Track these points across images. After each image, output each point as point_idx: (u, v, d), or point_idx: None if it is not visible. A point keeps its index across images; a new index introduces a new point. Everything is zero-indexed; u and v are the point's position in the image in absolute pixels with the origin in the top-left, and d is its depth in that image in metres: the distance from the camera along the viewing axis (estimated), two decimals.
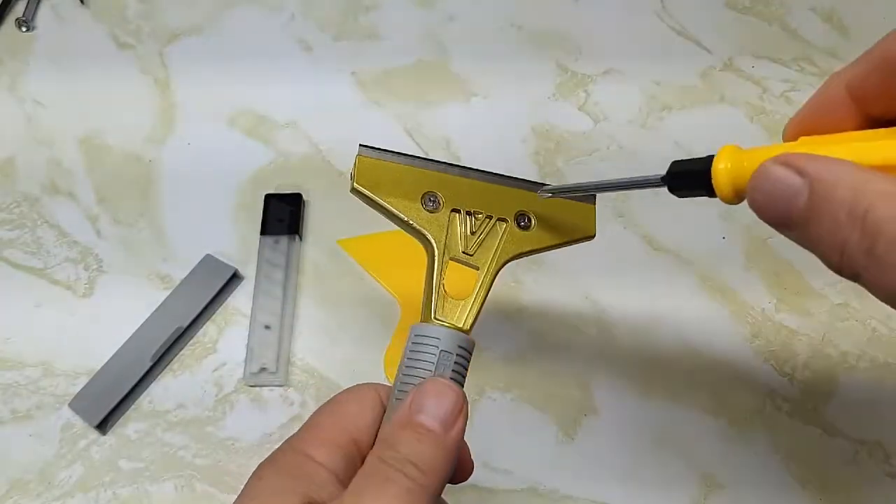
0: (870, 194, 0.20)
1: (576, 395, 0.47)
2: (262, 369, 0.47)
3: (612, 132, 0.56)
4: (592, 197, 0.35)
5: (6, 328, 0.49)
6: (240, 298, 0.50)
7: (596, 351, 0.49)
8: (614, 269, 0.51)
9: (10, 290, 0.51)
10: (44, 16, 0.62)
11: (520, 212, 0.33)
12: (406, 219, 0.32)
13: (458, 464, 0.28)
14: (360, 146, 0.32)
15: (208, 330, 0.49)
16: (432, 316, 0.30)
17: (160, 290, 0.50)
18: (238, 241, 0.52)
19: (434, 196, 0.32)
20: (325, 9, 0.62)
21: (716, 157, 0.25)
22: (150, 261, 0.51)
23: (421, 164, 0.33)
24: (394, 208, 0.32)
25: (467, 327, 0.30)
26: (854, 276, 0.21)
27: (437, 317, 0.30)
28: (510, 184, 0.34)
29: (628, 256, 0.52)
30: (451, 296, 0.30)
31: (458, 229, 0.32)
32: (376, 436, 0.29)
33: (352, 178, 0.32)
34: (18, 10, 0.61)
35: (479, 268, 0.32)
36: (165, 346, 0.47)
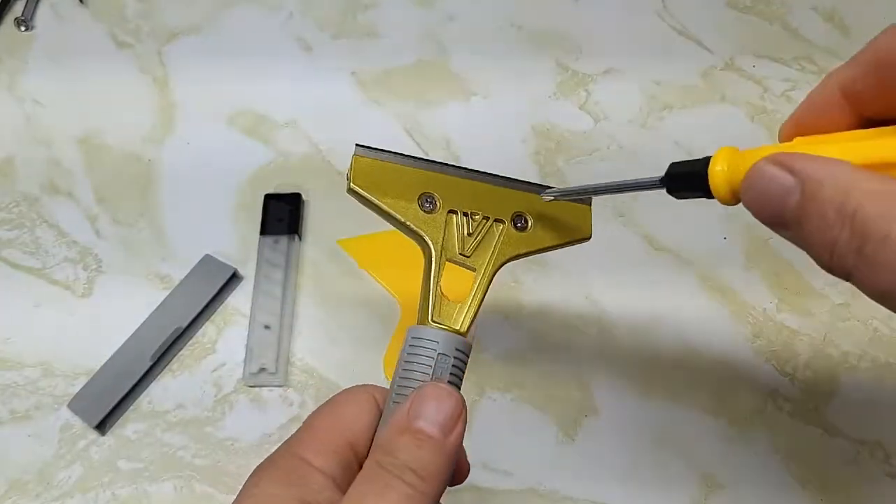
0: (859, 193, 0.20)
1: (576, 395, 0.47)
2: (262, 369, 0.47)
3: (612, 132, 0.56)
4: (588, 198, 0.35)
5: (5, 328, 0.49)
6: (239, 298, 0.50)
7: (596, 351, 0.49)
8: (614, 269, 0.51)
9: (9, 290, 0.51)
10: (43, 15, 0.62)
11: (517, 213, 0.33)
12: (403, 220, 0.31)
13: (455, 466, 0.28)
14: (357, 146, 0.32)
15: (207, 330, 0.49)
16: (429, 318, 0.30)
17: (159, 290, 0.50)
18: (238, 241, 0.52)
19: (431, 197, 0.32)
20: (325, 8, 0.62)
21: (712, 158, 0.25)
22: (150, 261, 0.51)
23: (418, 164, 0.32)
24: (390, 209, 0.31)
25: (464, 329, 0.30)
26: (845, 275, 0.21)
27: (434, 319, 0.30)
28: (507, 185, 0.34)
29: (628, 256, 0.52)
30: (448, 298, 0.30)
31: (455, 230, 0.32)
32: (373, 439, 0.28)
33: (348, 179, 0.32)
34: (18, 10, 0.61)
35: (476, 269, 0.32)
36: (165, 347, 0.47)
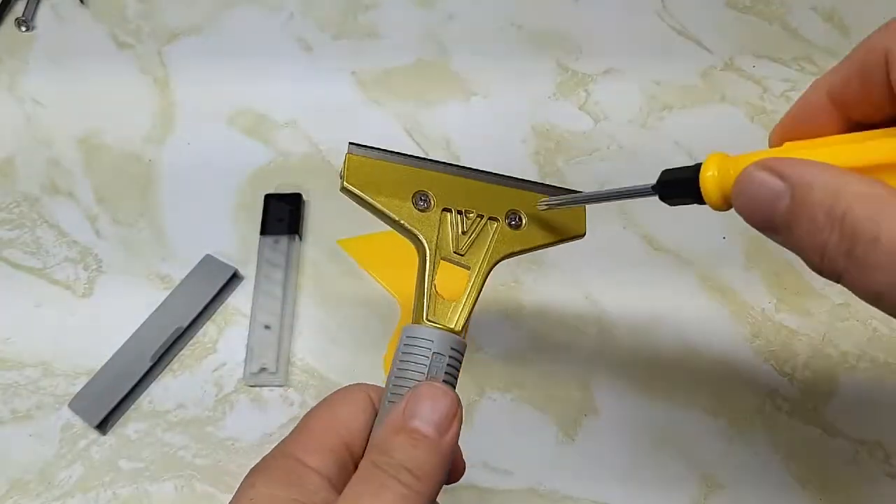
0: (848, 196, 0.20)
1: (576, 395, 0.47)
2: (262, 369, 0.47)
3: (612, 132, 0.56)
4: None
5: (6, 328, 0.49)
6: (240, 298, 0.50)
7: (596, 351, 0.49)
8: (614, 269, 0.51)
9: (10, 290, 0.51)
10: (43, 15, 0.62)
11: (511, 211, 0.33)
12: (397, 218, 0.31)
13: (451, 465, 0.28)
14: (350, 144, 0.32)
15: (208, 330, 0.49)
16: (424, 317, 0.30)
17: (160, 290, 0.50)
18: (238, 241, 0.52)
19: (425, 195, 0.32)
20: (325, 8, 0.62)
21: (703, 164, 0.25)
22: (150, 261, 0.51)
23: (412, 162, 0.32)
24: (384, 208, 0.31)
25: (459, 328, 0.30)
26: (836, 277, 0.21)
27: (429, 318, 0.30)
28: (502, 182, 0.33)
29: (628, 256, 0.52)
30: (442, 296, 0.30)
31: (450, 229, 0.32)
32: (369, 439, 0.28)
33: (341, 178, 0.32)
34: (18, 10, 0.61)
35: (470, 268, 0.31)
36: (165, 346, 0.47)
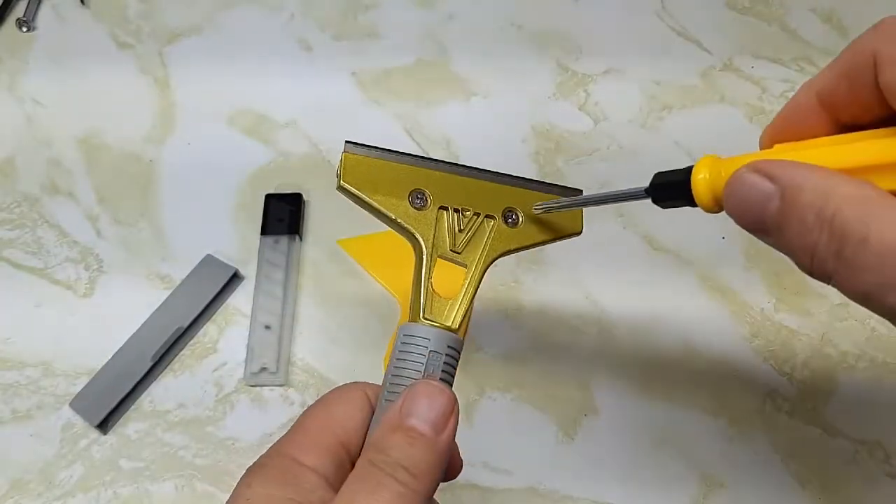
0: (837, 198, 0.20)
1: (576, 395, 0.47)
2: (263, 369, 0.47)
3: (612, 132, 0.56)
4: (580, 192, 0.35)
5: (6, 328, 0.49)
6: (240, 298, 0.50)
7: (596, 351, 0.49)
8: (614, 269, 0.51)
9: (10, 290, 0.51)
10: (44, 16, 0.62)
11: (507, 208, 0.33)
12: (393, 217, 0.31)
13: (448, 463, 0.28)
14: (347, 143, 0.32)
15: (208, 330, 0.49)
16: (420, 315, 0.30)
17: (160, 290, 0.50)
18: (238, 241, 0.52)
19: (422, 193, 0.32)
20: (325, 8, 0.62)
21: (695, 167, 0.25)
22: (150, 261, 0.51)
23: (408, 160, 0.32)
24: (381, 206, 0.31)
25: (456, 326, 0.30)
26: (826, 278, 0.21)
27: (426, 316, 0.30)
28: (498, 180, 0.33)
29: (628, 256, 0.52)
30: (439, 295, 0.30)
31: (446, 227, 0.32)
32: (365, 437, 0.28)
33: (338, 176, 0.32)
34: (19, 10, 0.61)
35: (467, 265, 0.31)
36: (166, 346, 0.47)
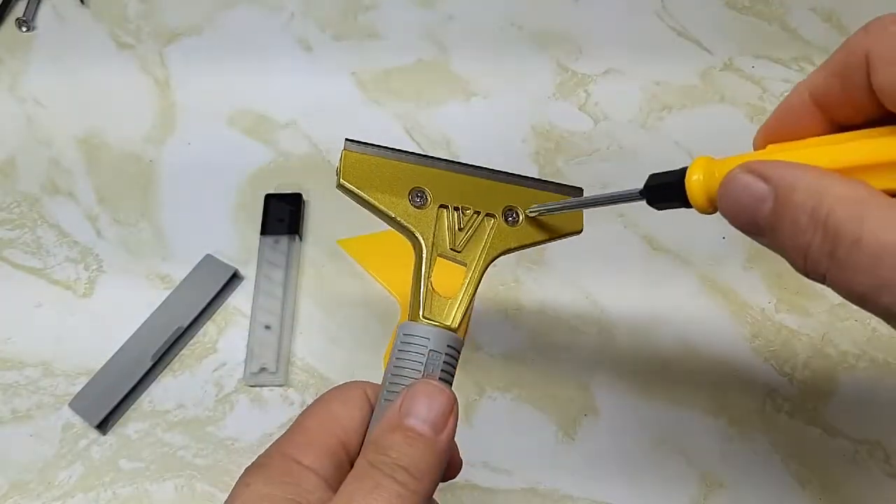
0: (830, 198, 0.20)
1: (576, 395, 0.47)
2: (262, 369, 0.47)
3: (612, 132, 0.56)
4: (580, 191, 0.34)
5: (7, 328, 0.49)
6: (240, 298, 0.50)
7: (596, 351, 0.49)
8: (614, 269, 0.51)
9: (10, 290, 0.51)
10: (44, 16, 0.62)
11: (508, 207, 0.33)
12: (393, 215, 0.31)
13: (447, 462, 0.28)
14: (346, 140, 0.32)
15: (208, 330, 0.49)
16: (420, 314, 0.29)
17: (160, 290, 0.50)
18: (238, 241, 0.52)
19: (422, 192, 0.32)
20: (325, 8, 0.62)
21: (689, 168, 0.25)
22: (150, 261, 0.51)
23: (408, 158, 0.32)
24: (381, 204, 0.31)
25: (455, 325, 0.30)
26: (820, 278, 0.21)
27: (426, 315, 0.29)
28: (499, 178, 0.33)
29: (628, 256, 0.52)
30: (439, 293, 0.30)
31: (446, 225, 0.31)
32: (364, 437, 0.28)
33: (338, 174, 0.31)
34: (19, 10, 0.61)
35: (467, 264, 0.31)
36: (165, 346, 0.47)
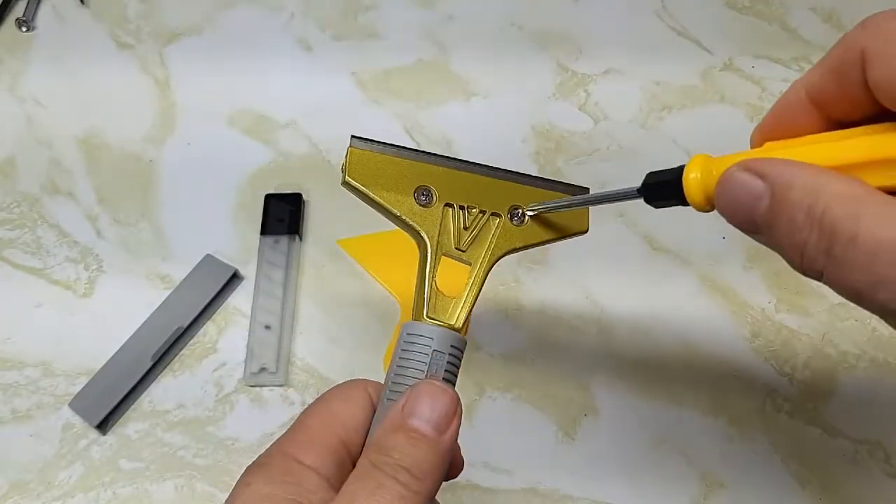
0: (827, 196, 0.20)
1: (576, 395, 0.47)
2: (262, 369, 0.47)
3: (612, 132, 0.56)
4: (586, 191, 0.34)
5: (7, 328, 0.49)
6: (240, 298, 0.50)
7: (596, 351, 0.49)
8: (614, 269, 0.51)
9: (10, 290, 0.51)
10: (44, 16, 0.62)
11: (513, 207, 0.33)
12: (398, 213, 0.31)
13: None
14: (352, 137, 0.31)
15: (208, 330, 0.49)
16: (424, 314, 0.29)
17: (160, 290, 0.50)
18: (238, 241, 0.52)
19: (427, 190, 0.31)
20: (325, 8, 0.62)
21: (686, 166, 0.25)
22: (150, 261, 0.51)
23: (414, 156, 0.32)
24: (385, 202, 0.31)
25: (459, 325, 0.29)
26: (816, 275, 0.21)
27: (430, 315, 0.29)
28: (504, 177, 0.33)
29: (628, 256, 0.52)
30: (443, 293, 0.30)
31: (451, 224, 0.31)
32: (366, 437, 0.28)
33: (343, 171, 0.31)
34: (18, 10, 0.61)
35: (471, 264, 0.31)
36: (165, 346, 0.47)
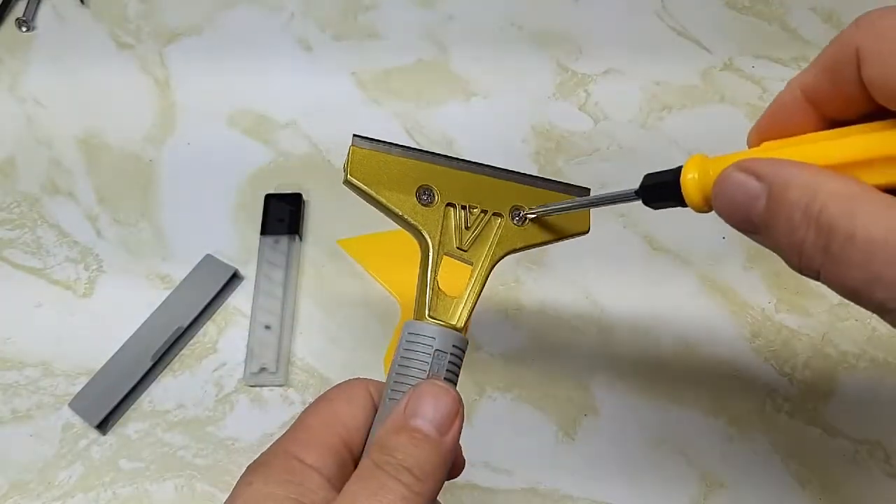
0: (823, 194, 0.21)
1: (576, 395, 0.47)
2: (262, 369, 0.47)
3: (612, 132, 0.56)
4: (587, 191, 0.34)
5: (7, 328, 0.49)
6: (240, 298, 0.50)
7: (596, 351, 0.49)
8: (614, 269, 0.51)
9: (10, 290, 0.51)
10: (44, 16, 0.62)
11: (515, 206, 0.33)
12: (399, 213, 0.31)
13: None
14: (354, 136, 0.31)
15: (208, 330, 0.49)
16: (426, 314, 0.29)
17: (160, 290, 0.50)
18: (238, 241, 0.52)
19: (429, 189, 0.31)
20: (325, 8, 0.62)
21: (683, 167, 0.25)
22: (150, 261, 0.51)
23: (417, 155, 0.32)
24: (387, 202, 0.31)
25: (461, 325, 0.29)
26: (814, 274, 0.21)
27: (431, 314, 0.29)
28: (506, 177, 0.33)
29: (628, 256, 0.52)
30: (444, 293, 0.30)
31: (453, 224, 0.31)
32: (368, 436, 0.28)
33: (345, 170, 0.31)
34: (18, 10, 0.61)
35: (473, 263, 0.31)
36: (165, 346, 0.47)
